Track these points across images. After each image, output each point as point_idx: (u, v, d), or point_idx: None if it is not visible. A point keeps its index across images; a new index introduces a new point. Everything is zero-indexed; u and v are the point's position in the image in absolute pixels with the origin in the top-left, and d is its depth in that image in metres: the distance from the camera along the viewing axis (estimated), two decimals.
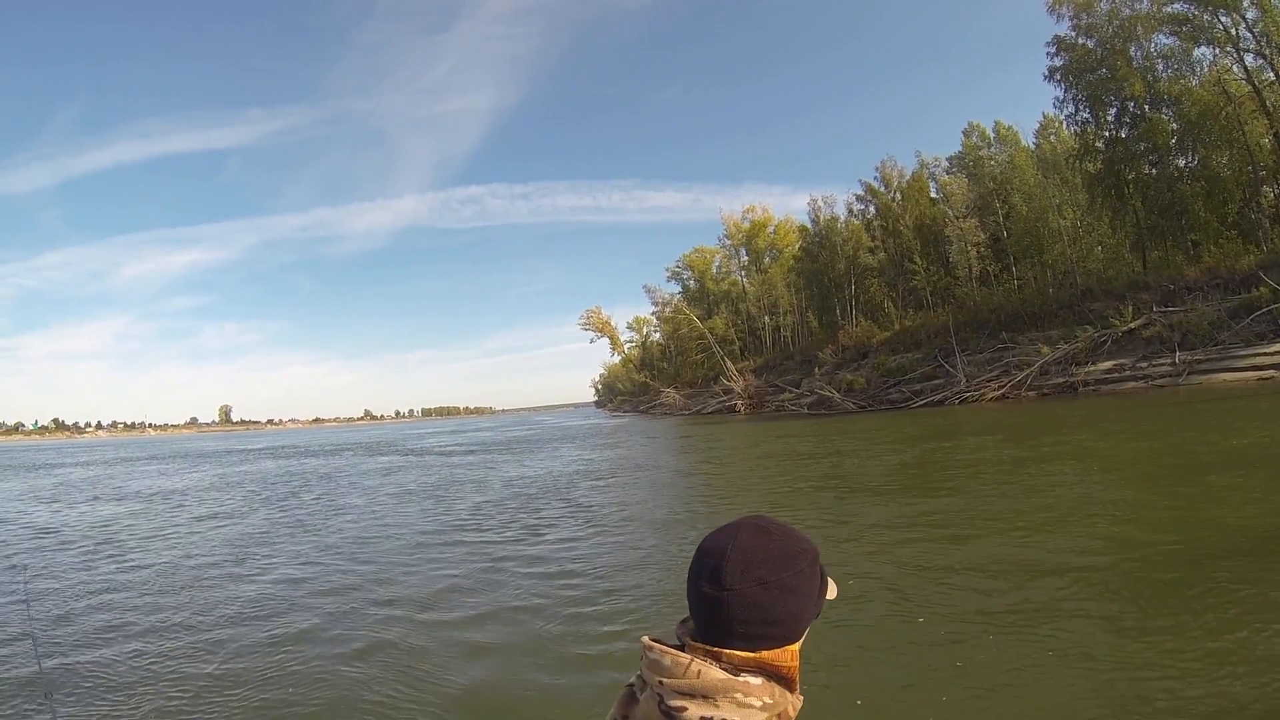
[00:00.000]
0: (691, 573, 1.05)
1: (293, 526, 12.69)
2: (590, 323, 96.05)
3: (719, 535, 1.06)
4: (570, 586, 7.18)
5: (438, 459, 28.28)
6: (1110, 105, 35.17)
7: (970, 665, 4.37)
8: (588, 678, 4.84)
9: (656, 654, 1.03)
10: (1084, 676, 4.04)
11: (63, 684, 5.17)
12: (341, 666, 5.31)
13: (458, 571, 8.21)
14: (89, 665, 5.62)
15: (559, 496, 14.45)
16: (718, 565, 1.00)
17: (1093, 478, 10.42)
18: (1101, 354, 28.94)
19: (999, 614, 5.17)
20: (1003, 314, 36.18)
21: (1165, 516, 7.59)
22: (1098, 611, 5.02)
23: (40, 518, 16.10)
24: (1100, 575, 5.79)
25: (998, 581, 5.93)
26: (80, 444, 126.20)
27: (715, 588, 0.99)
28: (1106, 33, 34.18)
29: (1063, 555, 6.42)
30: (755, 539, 1.03)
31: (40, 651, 4.93)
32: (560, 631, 5.85)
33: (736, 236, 73.47)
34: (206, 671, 5.32)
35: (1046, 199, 38.94)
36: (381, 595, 7.30)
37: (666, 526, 10.26)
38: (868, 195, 53.83)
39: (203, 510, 15.98)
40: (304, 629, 6.34)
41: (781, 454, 19.61)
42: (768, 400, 49.45)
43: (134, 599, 7.73)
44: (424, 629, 6.08)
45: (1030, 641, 4.61)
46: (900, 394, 36.79)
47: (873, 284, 52.20)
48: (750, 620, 1.00)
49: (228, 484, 22.76)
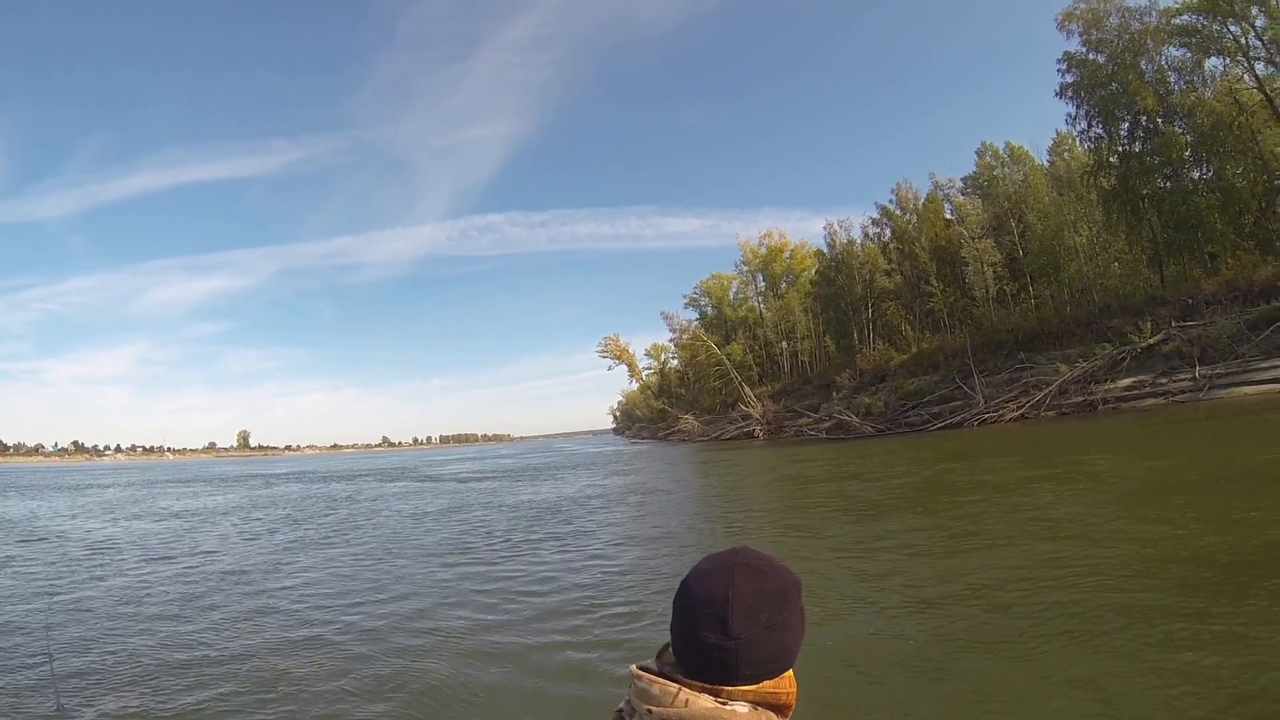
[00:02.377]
0: (687, 620, 1.04)
1: (324, 542, 13.67)
2: (608, 350, 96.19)
3: (711, 580, 1.05)
4: (598, 606, 7.28)
5: (458, 485, 28.50)
6: (1123, 120, 34.78)
7: (965, 691, 4.38)
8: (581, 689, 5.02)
9: (645, 683, 1.03)
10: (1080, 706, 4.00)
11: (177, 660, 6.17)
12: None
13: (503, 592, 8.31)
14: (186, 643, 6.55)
15: (584, 518, 14.86)
16: (722, 615, 1.00)
17: (1107, 498, 10.13)
18: (1121, 371, 28.30)
19: (1007, 640, 5.12)
20: (1020, 334, 35.63)
21: (1182, 537, 7.34)
22: (1105, 637, 4.91)
23: (98, 531, 17.30)
24: (1112, 599, 5.65)
25: (1006, 605, 5.90)
26: (101, 466, 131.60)
27: (723, 638, 1.00)
28: (1117, 47, 33.96)
29: (1073, 580, 6.31)
30: (751, 582, 1.04)
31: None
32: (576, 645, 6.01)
33: (753, 262, 73.42)
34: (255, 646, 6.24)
35: (1062, 216, 38.56)
36: (420, 619, 7.42)
37: (690, 548, 10.29)
38: (883, 218, 53.74)
39: (242, 525, 17.80)
40: (347, 628, 6.95)
41: (796, 478, 19.69)
42: (786, 425, 48.94)
43: (197, 604, 8.57)
44: (463, 660, 5.94)
45: (1031, 668, 4.59)
46: (919, 417, 36.17)
47: (889, 307, 51.70)
48: (757, 662, 1.01)
49: (259, 505, 24.13)
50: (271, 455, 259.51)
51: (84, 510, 24.21)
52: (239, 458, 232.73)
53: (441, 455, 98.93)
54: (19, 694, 5.28)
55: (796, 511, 12.98)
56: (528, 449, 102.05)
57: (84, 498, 31.19)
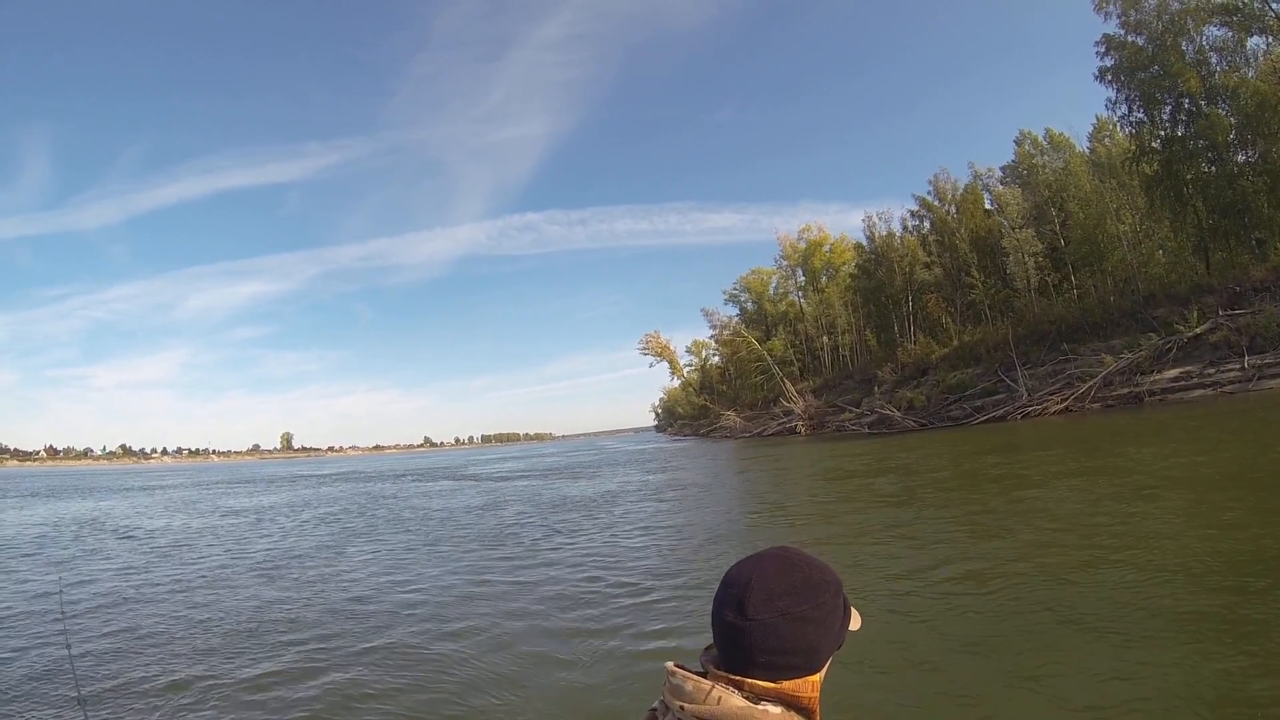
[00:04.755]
0: (716, 601, 1.09)
1: (404, 532, 15.12)
2: (649, 347, 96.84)
3: (744, 565, 1.09)
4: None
5: (505, 483, 29.19)
6: (1164, 103, 34.12)
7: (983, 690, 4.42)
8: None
9: (679, 679, 1.06)
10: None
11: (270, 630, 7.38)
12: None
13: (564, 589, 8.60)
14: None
15: (632, 513, 15.49)
16: (741, 595, 1.04)
17: (1152, 494, 9.86)
18: (1167, 362, 27.93)
19: (1035, 641, 5.06)
20: (1063, 325, 35.25)
21: (1230, 536, 7.11)
22: (1134, 644, 4.78)
23: (179, 526, 19.21)
24: (1152, 602, 5.52)
25: (1044, 604, 5.82)
26: (151, 469, 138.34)
27: (738, 617, 1.03)
28: (1156, 28, 33.34)
29: (1112, 581, 6.19)
30: (779, 570, 1.07)
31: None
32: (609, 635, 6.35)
33: (793, 256, 73.37)
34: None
35: (1104, 204, 37.98)
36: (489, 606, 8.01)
37: (732, 545, 10.58)
38: (922, 209, 53.48)
39: (312, 518, 19.81)
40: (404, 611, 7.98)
41: (839, 475, 19.68)
42: (828, 420, 49.01)
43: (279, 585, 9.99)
44: (526, 662, 6.09)
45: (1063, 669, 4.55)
46: (961, 410, 36.06)
47: (930, 299, 51.36)
48: (771, 650, 1.03)
49: (321, 501, 26.21)
50: (315, 456, 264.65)
51: (154, 508, 26.33)
52: (283, 459, 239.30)
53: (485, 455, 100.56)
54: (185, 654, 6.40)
55: (839, 508, 13.15)
56: (570, 447, 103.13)
57: (149, 498, 33.46)
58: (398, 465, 69.15)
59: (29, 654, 6.73)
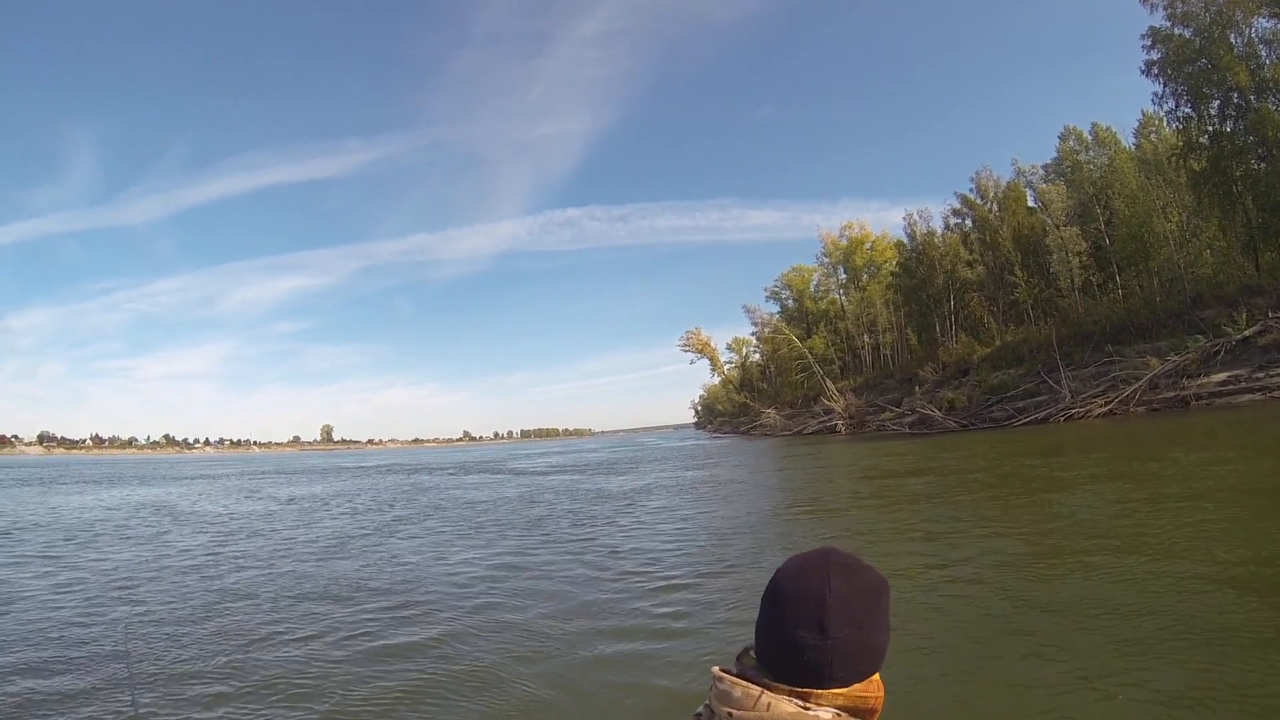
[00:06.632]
0: (778, 619, 1.05)
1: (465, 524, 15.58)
2: (690, 344, 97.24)
3: (808, 580, 1.06)
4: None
5: (544, 478, 29.49)
6: (1213, 98, 33.41)
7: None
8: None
9: (726, 685, 1.04)
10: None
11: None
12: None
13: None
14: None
15: (678, 508, 15.94)
16: (820, 614, 1.01)
17: (1195, 503, 9.46)
18: (1215, 365, 27.55)
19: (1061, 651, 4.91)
20: (1108, 325, 35.00)
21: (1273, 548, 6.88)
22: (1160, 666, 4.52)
23: (239, 512, 20.54)
24: (1189, 617, 5.27)
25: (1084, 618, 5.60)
26: (194, 459, 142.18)
27: (819, 637, 1.01)
28: (1204, 21, 32.69)
29: (1151, 595, 5.93)
30: (847, 582, 1.04)
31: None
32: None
33: (834, 254, 73.18)
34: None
35: (1150, 202, 37.31)
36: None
37: (778, 541, 10.80)
38: (964, 207, 52.93)
39: (362, 505, 21.20)
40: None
41: (879, 473, 19.76)
42: (868, 420, 49.02)
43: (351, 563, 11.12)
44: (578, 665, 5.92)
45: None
46: (1003, 412, 35.91)
47: (972, 298, 50.97)
48: (850, 663, 1.03)
49: (374, 489, 27.83)
50: (355, 449, 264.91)
51: (214, 494, 27.81)
52: (323, 450, 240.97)
53: (524, 449, 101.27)
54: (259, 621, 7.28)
55: (880, 508, 13.33)
56: (610, 443, 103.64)
57: (208, 485, 34.84)
58: (438, 459, 70.04)
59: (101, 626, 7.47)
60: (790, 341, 71.04)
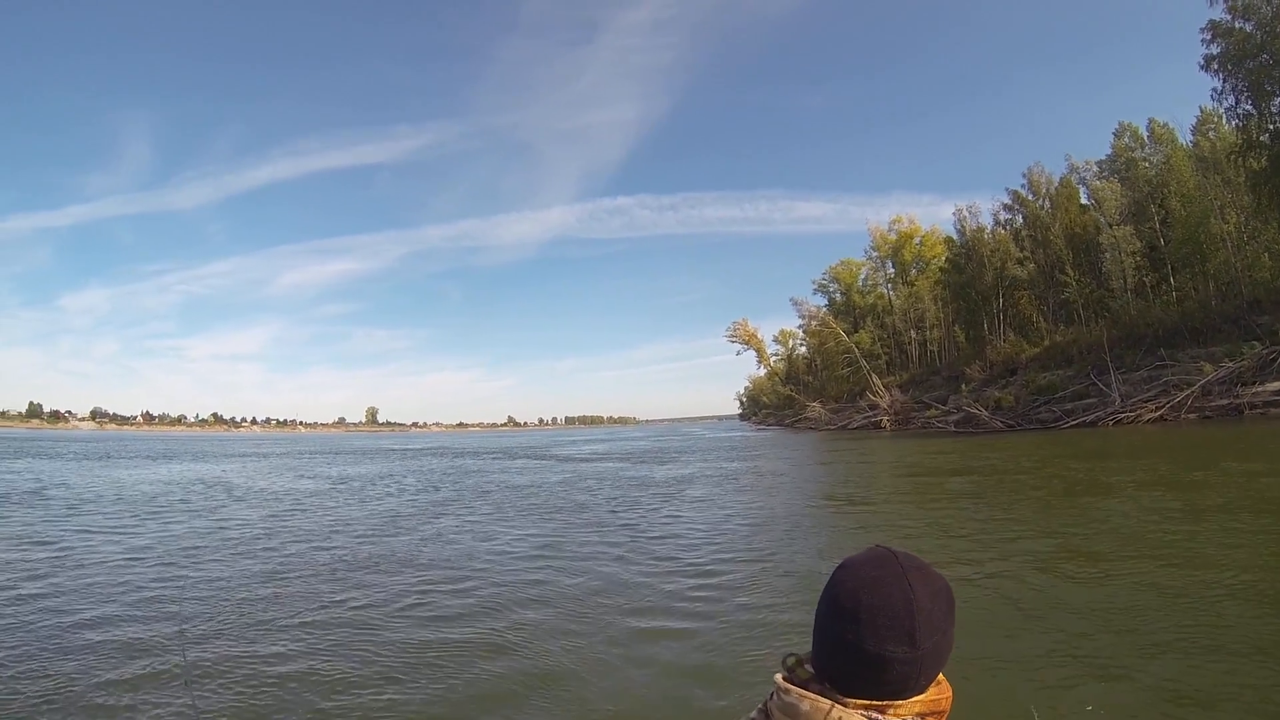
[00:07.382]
0: (856, 630, 0.99)
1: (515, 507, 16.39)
2: (737, 334, 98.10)
3: (888, 590, 1.00)
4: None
5: (588, 465, 30.14)
6: (1274, 94, 32.46)
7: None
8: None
9: (794, 698, 1.00)
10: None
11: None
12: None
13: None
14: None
15: (725, 499, 16.47)
16: (909, 625, 0.97)
17: (1244, 516, 9.29)
18: (1270, 373, 27.22)
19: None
20: (1161, 328, 34.57)
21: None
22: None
23: (301, 488, 21.85)
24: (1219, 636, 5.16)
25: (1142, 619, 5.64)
26: (241, 436, 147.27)
27: (909, 650, 0.97)
28: (1266, 14, 31.79)
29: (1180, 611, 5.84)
30: (926, 586, 1.01)
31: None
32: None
33: (883, 248, 72.91)
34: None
35: (1207, 202, 36.63)
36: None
37: (825, 534, 11.06)
38: (1015, 204, 52.26)
39: (415, 484, 22.70)
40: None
41: (923, 470, 20.09)
42: (913, 417, 49.03)
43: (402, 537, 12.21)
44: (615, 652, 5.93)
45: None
46: (1050, 413, 35.77)
47: (1022, 297, 50.49)
48: (934, 670, 1.01)
49: (421, 471, 28.96)
50: (399, 431, 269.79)
51: (266, 472, 29.13)
52: (368, 432, 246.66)
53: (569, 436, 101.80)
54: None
55: (920, 504, 13.49)
56: (654, 432, 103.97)
57: (260, 463, 36.26)
58: (483, 443, 70.79)
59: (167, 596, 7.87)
60: (837, 335, 71.05)
